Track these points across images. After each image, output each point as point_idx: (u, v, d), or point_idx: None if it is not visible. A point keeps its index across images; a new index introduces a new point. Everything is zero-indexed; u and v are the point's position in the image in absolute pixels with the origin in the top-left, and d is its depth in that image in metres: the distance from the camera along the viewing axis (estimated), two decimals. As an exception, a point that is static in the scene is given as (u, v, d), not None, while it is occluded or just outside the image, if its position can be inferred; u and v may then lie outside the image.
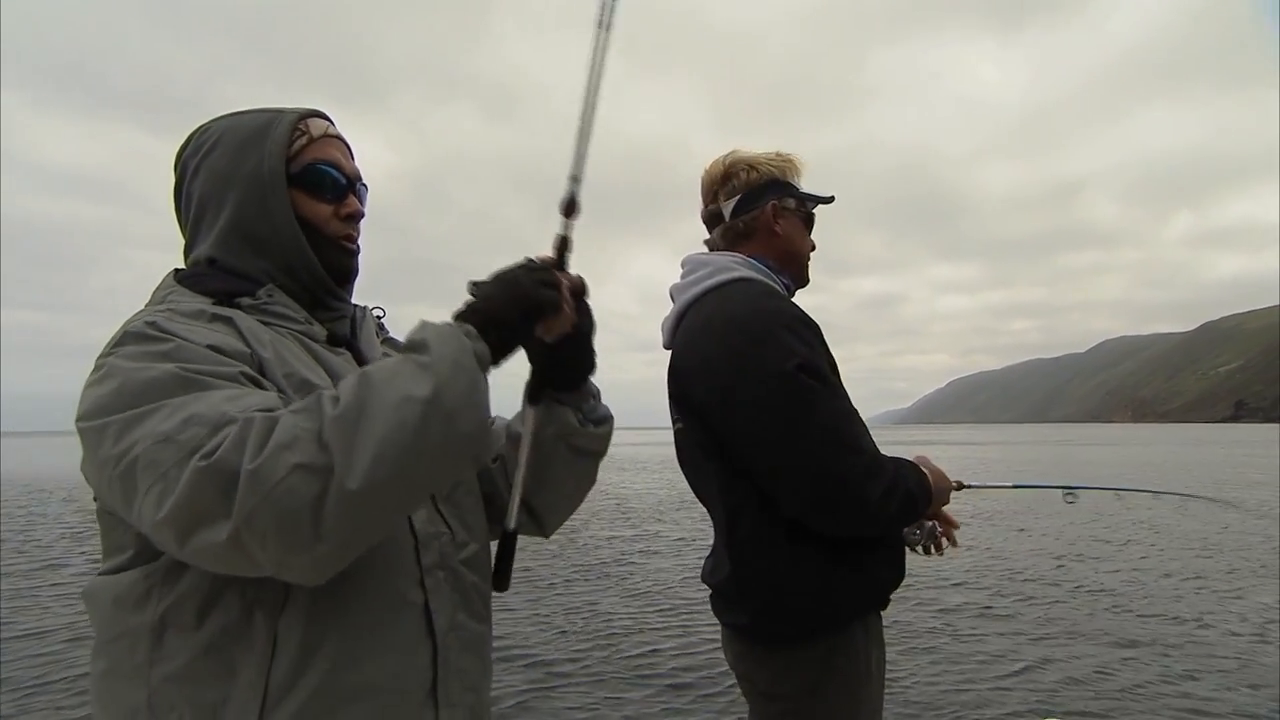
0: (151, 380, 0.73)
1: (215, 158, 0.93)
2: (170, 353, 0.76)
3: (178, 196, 0.97)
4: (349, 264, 0.98)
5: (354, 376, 0.73)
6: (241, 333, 0.84)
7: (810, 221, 1.59)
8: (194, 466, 0.66)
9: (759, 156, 1.55)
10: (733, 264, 1.47)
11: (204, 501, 0.66)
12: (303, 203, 0.94)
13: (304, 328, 0.93)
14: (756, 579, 1.36)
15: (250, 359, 0.82)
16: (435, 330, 0.77)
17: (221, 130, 0.94)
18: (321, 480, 0.67)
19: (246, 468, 0.66)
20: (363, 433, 0.68)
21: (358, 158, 1.04)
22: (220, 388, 0.74)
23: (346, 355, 0.95)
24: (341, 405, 0.69)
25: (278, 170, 0.92)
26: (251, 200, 0.92)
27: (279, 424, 0.68)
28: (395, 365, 0.73)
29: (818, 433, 1.26)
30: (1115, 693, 3.99)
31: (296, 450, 0.67)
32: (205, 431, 0.68)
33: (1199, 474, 19.47)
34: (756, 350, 1.29)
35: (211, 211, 0.93)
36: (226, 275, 0.92)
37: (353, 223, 0.98)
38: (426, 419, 0.70)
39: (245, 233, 0.92)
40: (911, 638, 4.99)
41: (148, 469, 0.69)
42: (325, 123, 0.98)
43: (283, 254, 0.93)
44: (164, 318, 0.81)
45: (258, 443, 0.67)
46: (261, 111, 0.96)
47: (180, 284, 0.91)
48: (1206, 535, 9.07)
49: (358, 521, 0.69)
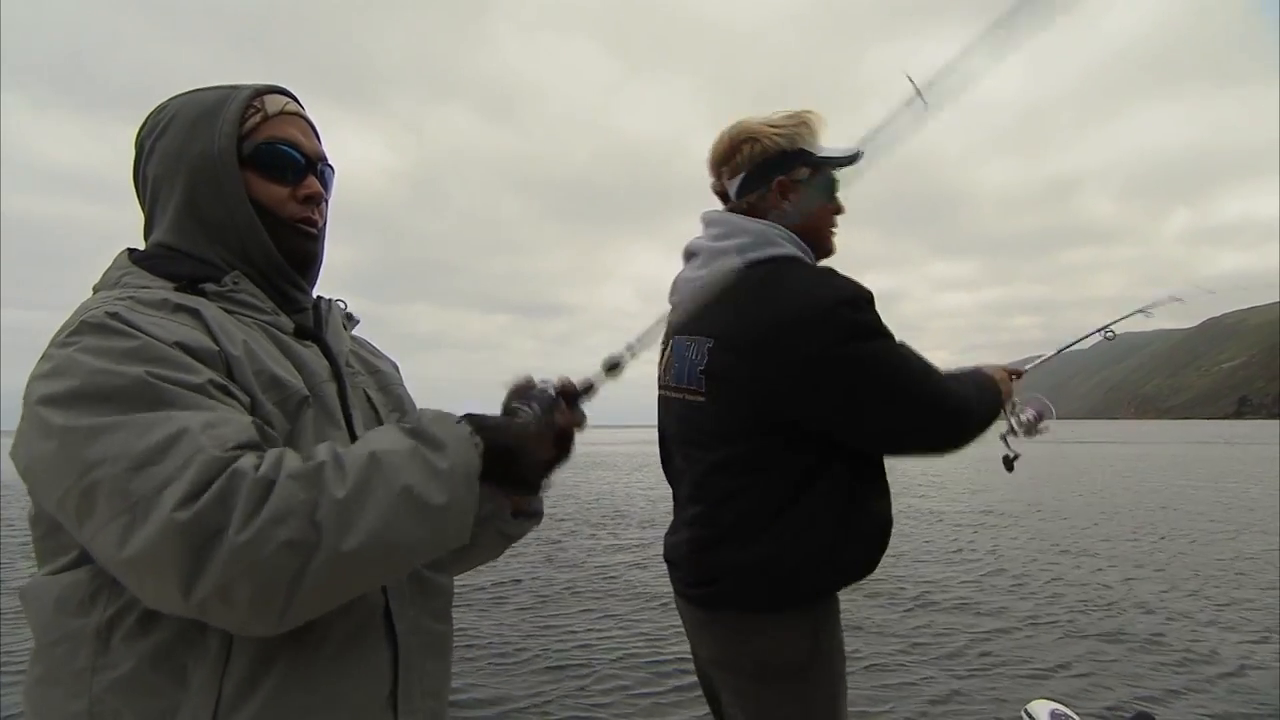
0: (116, 387, 0.68)
1: (168, 138, 0.88)
2: (135, 351, 0.71)
3: (136, 177, 0.93)
4: (308, 248, 0.93)
5: (365, 454, 0.70)
6: (208, 326, 0.79)
7: (832, 186, 1.46)
8: (171, 518, 0.62)
9: (764, 125, 1.42)
10: (778, 238, 1.39)
11: (176, 556, 0.63)
12: (257, 184, 0.89)
13: (271, 319, 0.88)
14: (758, 547, 1.33)
15: (218, 358, 0.77)
16: (455, 436, 0.75)
17: (176, 109, 0.89)
18: (305, 556, 0.65)
19: (235, 539, 0.63)
20: (360, 519, 0.67)
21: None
22: (191, 405, 0.69)
23: (315, 349, 0.91)
24: (346, 487, 0.67)
25: (229, 150, 0.87)
26: (203, 182, 0.87)
27: (274, 491, 0.65)
28: (408, 455, 0.72)
29: (928, 386, 1.34)
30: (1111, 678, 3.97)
31: (289, 525, 0.65)
32: (177, 466, 0.64)
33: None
34: (854, 341, 1.29)
35: (165, 194, 0.89)
36: (186, 259, 0.87)
37: (312, 205, 0.93)
38: (423, 523, 0.70)
39: (199, 216, 0.88)
40: (882, 612, 4.98)
41: (113, 497, 0.64)
42: (284, 99, 0.93)
43: (238, 239, 0.88)
44: (125, 307, 0.75)
45: (248, 509, 0.64)
46: (216, 89, 0.91)
47: (136, 265, 0.86)
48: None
49: (331, 594, 0.69)
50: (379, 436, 0.75)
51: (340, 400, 0.89)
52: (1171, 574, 6.78)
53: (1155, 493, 14.09)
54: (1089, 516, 10.66)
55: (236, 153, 0.88)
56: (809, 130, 1.43)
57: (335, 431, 0.85)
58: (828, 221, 1.47)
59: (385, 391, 1.00)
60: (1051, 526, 9.68)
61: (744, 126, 1.44)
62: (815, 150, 1.43)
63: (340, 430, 0.86)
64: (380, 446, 0.72)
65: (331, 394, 0.87)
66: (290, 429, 0.80)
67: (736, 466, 1.36)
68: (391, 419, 0.95)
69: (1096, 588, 6.26)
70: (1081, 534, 9.12)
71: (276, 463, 0.68)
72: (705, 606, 1.42)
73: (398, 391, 1.02)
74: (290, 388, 0.81)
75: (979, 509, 11.30)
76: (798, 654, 1.33)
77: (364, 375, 0.98)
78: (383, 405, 0.97)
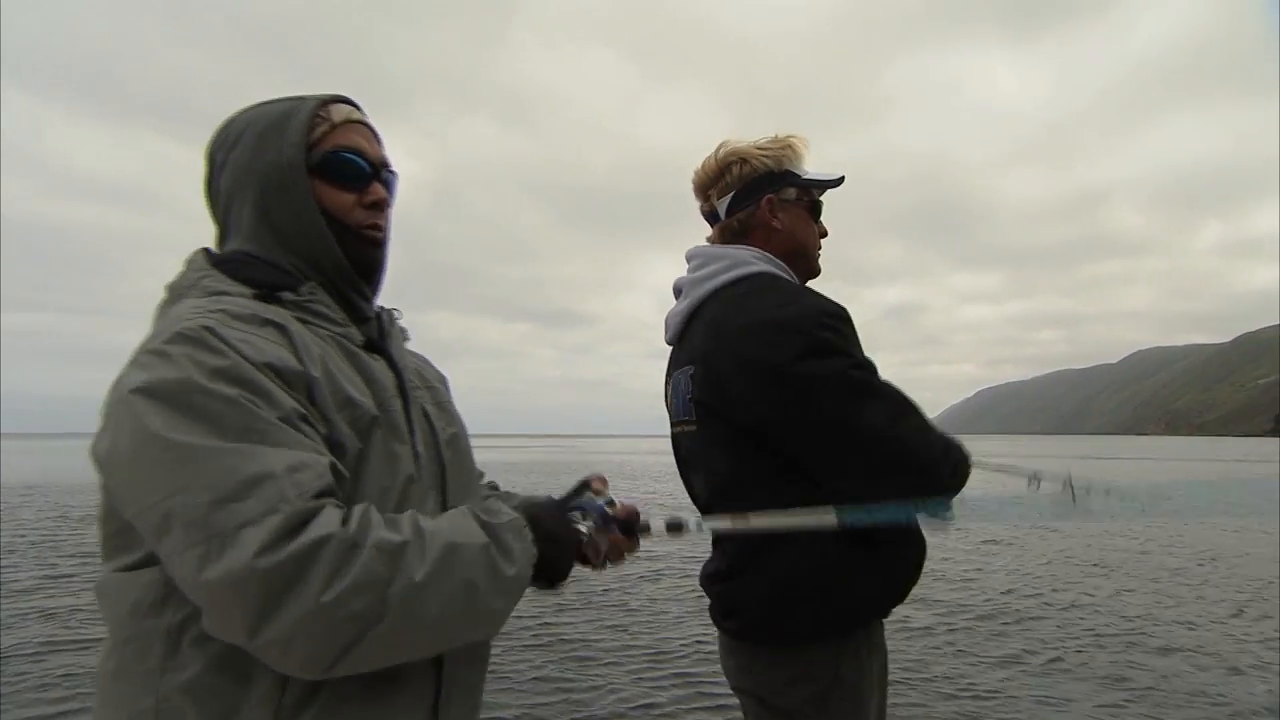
0: (208, 408, 0.70)
1: (239, 151, 0.91)
2: (227, 371, 0.73)
3: (208, 190, 0.96)
4: (374, 255, 0.96)
5: (444, 544, 0.76)
6: (293, 343, 0.81)
7: (816, 208, 1.49)
8: (252, 563, 0.65)
9: (752, 147, 1.45)
10: (751, 257, 1.41)
11: (250, 600, 0.66)
12: (324, 192, 0.91)
13: (343, 330, 0.91)
14: (768, 580, 1.32)
15: (302, 379, 0.79)
16: (523, 548, 0.83)
17: (245, 122, 0.93)
18: (366, 628, 0.70)
19: (318, 599, 0.67)
20: (424, 607, 0.73)
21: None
22: (276, 439, 0.72)
23: (382, 362, 0.93)
24: (423, 572, 0.73)
25: (297, 160, 0.90)
26: (274, 192, 0.90)
27: (359, 560, 0.69)
28: (479, 552, 0.78)
29: (898, 425, 1.24)
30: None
31: (364, 598, 0.69)
32: (260, 511, 0.67)
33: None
34: (813, 360, 1.24)
35: (238, 204, 0.92)
36: (264, 265, 0.90)
37: (378, 211, 0.95)
38: (475, 620, 0.78)
39: (271, 225, 0.91)
40: (919, 639, 4.90)
41: (194, 526, 0.67)
42: (348, 108, 0.96)
43: (308, 247, 0.91)
44: (218, 321, 0.77)
45: (332, 571, 0.68)
46: (283, 100, 0.94)
47: (217, 268, 0.89)
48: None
49: (373, 663, 0.73)
50: (459, 527, 0.80)
51: (405, 416, 0.91)
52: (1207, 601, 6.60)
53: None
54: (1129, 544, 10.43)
55: (305, 162, 0.90)
56: (794, 154, 1.47)
57: (400, 447, 0.87)
58: (814, 242, 1.50)
59: (440, 406, 1.02)
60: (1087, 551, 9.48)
61: (731, 148, 1.47)
62: (801, 172, 1.47)
63: (405, 445, 0.88)
64: (458, 539, 0.78)
65: (398, 410, 0.90)
66: (361, 447, 0.83)
67: (730, 493, 1.36)
68: (446, 435, 0.98)
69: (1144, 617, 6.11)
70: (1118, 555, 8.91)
71: (363, 525, 0.72)
72: (729, 635, 1.43)
73: (450, 407, 1.05)
74: (362, 407, 0.84)
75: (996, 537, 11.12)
76: (816, 687, 1.30)
77: (422, 390, 1.00)
78: (438, 419, 0.99)
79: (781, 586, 1.31)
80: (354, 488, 0.81)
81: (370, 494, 0.81)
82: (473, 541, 0.78)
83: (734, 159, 1.46)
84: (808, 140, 1.48)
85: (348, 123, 0.94)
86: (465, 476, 1.00)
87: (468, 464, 1.02)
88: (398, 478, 0.85)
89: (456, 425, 1.02)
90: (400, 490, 0.85)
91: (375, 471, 0.83)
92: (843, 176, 1.49)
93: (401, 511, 0.82)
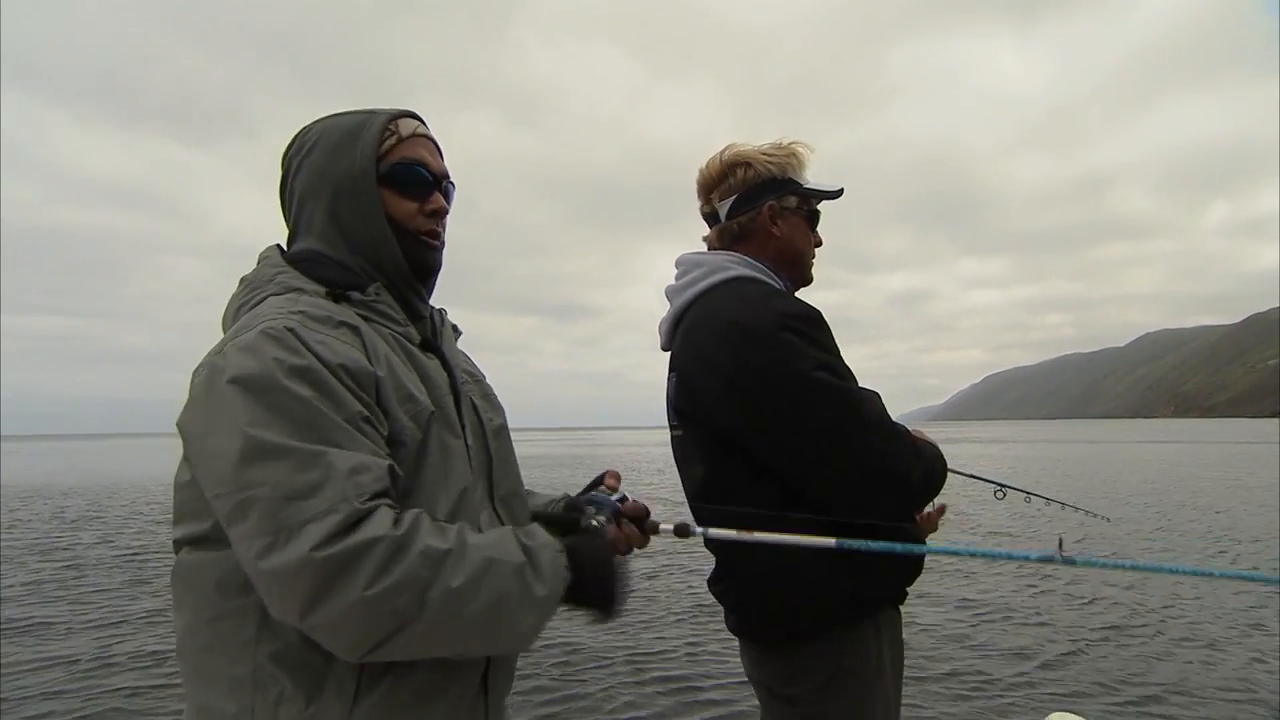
0: (286, 407, 0.79)
1: (314, 157, 0.99)
2: (305, 371, 0.81)
3: (283, 191, 1.03)
4: (431, 258, 1.04)
5: (483, 558, 0.82)
6: (365, 345, 0.89)
7: (815, 218, 1.50)
8: (310, 555, 0.73)
9: (757, 152, 1.46)
10: (729, 263, 1.42)
11: (305, 586, 0.74)
12: (391, 200, 0.99)
13: (403, 330, 0.99)
14: (760, 580, 1.34)
15: (371, 378, 0.87)
16: (556, 572, 0.89)
17: (320, 131, 1.00)
18: (403, 623, 0.77)
19: (364, 591, 0.74)
20: (458, 612, 0.79)
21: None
22: (342, 441, 0.80)
23: (436, 361, 1.01)
24: (460, 580, 0.79)
25: (368, 170, 0.97)
26: (345, 198, 0.98)
27: (404, 560, 0.76)
28: (515, 570, 0.84)
29: (856, 432, 1.24)
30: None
31: (405, 595, 0.76)
32: (322, 509, 0.75)
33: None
34: (772, 357, 1.25)
35: (310, 207, 1.00)
36: (335, 265, 0.97)
37: (437, 219, 1.03)
38: (500, 632, 0.84)
39: (341, 228, 0.98)
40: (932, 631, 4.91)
41: (264, 518, 0.75)
42: (415, 122, 1.03)
43: (373, 250, 0.99)
44: (299, 323, 0.85)
45: (379, 567, 0.75)
46: (356, 113, 1.01)
47: (291, 265, 0.97)
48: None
49: (403, 654, 0.80)
50: (500, 544, 0.86)
51: (456, 410, 0.99)
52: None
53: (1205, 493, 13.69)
54: (1145, 517, 10.41)
55: (375, 172, 0.98)
56: (798, 162, 1.47)
57: (453, 440, 0.95)
58: (809, 251, 1.51)
59: (487, 398, 1.11)
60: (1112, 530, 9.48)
61: (737, 151, 1.47)
62: (803, 181, 1.48)
63: (458, 439, 0.96)
64: (497, 554, 0.84)
65: (450, 406, 0.98)
66: (421, 438, 0.91)
67: (710, 496, 1.38)
68: (493, 426, 1.07)
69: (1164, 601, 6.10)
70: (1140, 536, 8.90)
71: (413, 528, 0.79)
72: (732, 631, 1.46)
73: (495, 398, 1.13)
74: (420, 403, 0.92)
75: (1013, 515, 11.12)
76: (819, 678, 1.32)
77: (471, 384, 1.08)
78: (485, 411, 1.07)
79: (771, 584, 1.33)
80: (414, 476, 0.89)
81: (428, 482, 0.90)
82: (510, 559, 0.85)
83: (739, 162, 1.46)
84: (813, 147, 1.48)
85: (415, 136, 1.02)
86: (509, 465, 1.08)
87: (511, 452, 1.10)
88: (452, 471, 0.93)
89: (501, 416, 1.11)
90: (457, 488, 0.93)
91: (433, 461, 0.91)
92: (842, 189, 1.50)
93: (460, 502, 0.92)
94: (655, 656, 4.70)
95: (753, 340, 1.27)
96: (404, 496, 0.86)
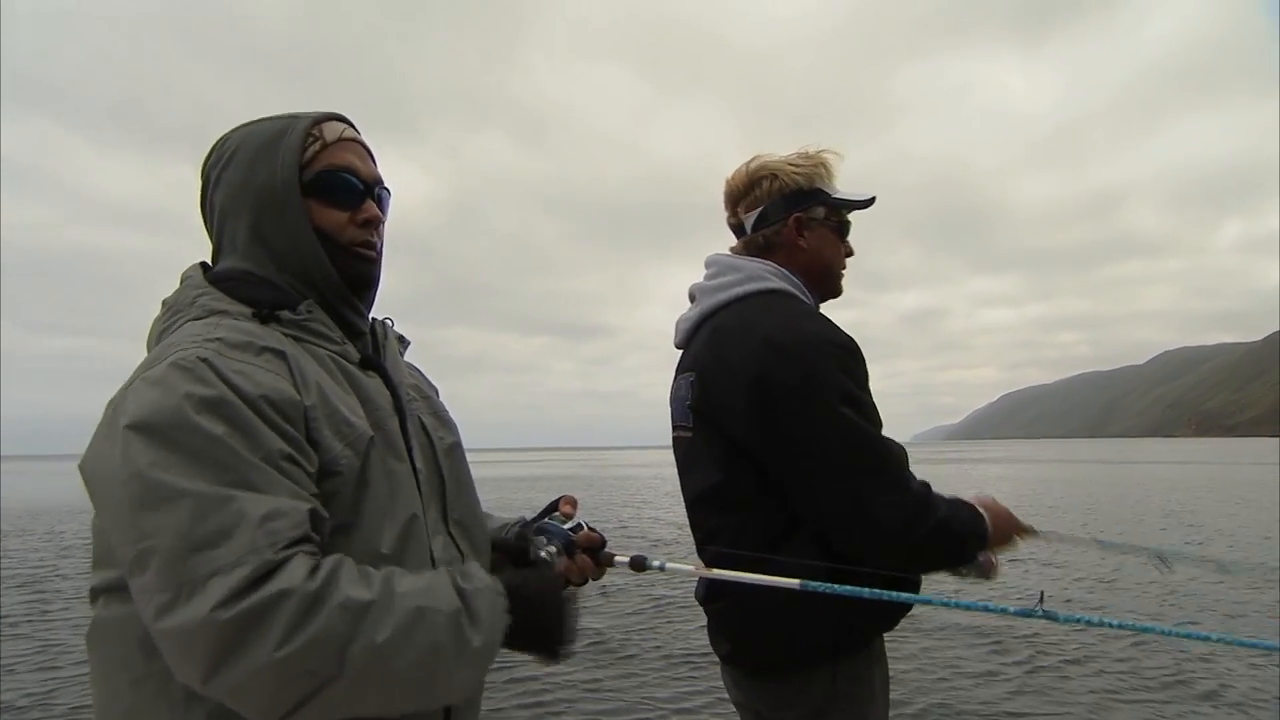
0: (194, 446, 0.71)
1: (233, 169, 0.92)
2: (218, 405, 0.74)
3: (203, 206, 0.96)
4: (366, 271, 0.96)
5: (412, 608, 0.74)
6: (291, 371, 0.82)
7: (845, 228, 1.47)
8: (211, 616, 0.66)
9: (784, 163, 1.43)
10: (766, 273, 1.39)
11: (205, 650, 0.67)
12: (318, 211, 0.92)
13: (340, 349, 0.91)
14: (765, 612, 1.29)
15: (298, 409, 0.80)
16: (495, 617, 0.80)
17: (239, 140, 0.93)
18: (321, 684, 0.69)
19: (272, 654, 0.66)
20: (382, 670, 0.71)
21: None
22: (255, 483, 0.72)
23: (377, 380, 0.93)
24: (385, 634, 0.71)
25: (291, 181, 0.90)
26: (268, 212, 0.90)
27: (320, 614, 0.68)
28: (449, 619, 0.76)
29: (862, 474, 1.21)
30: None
31: (321, 654, 0.68)
32: (229, 561, 0.68)
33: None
34: (802, 383, 1.23)
35: (232, 222, 0.92)
36: (261, 283, 0.90)
37: (371, 228, 0.95)
38: (433, 687, 0.76)
39: (266, 244, 0.91)
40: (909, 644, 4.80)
41: (165, 570, 0.68)
42: (342, 125, 0.96)
43: (302, 265, 0.91)
44: (214, 351, 0.77)
45: (291, 625, 0.67)
46: (277, 119, 0.93)
47: (214, 285, 0.89)
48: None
49: (334, 716, 0.72)
50: (430, 588, 0.78)
51: (402, 432, 0.92)
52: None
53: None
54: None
55: (298, 181, 0.90)
56: (826, 171, 1.44)
57: (398, 464, 0.88)
58: (839, 263, 1.47)
59: (437, 416, 1.03)
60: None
61: (763, 162, 1.44)
62: (831, 191, 1.44)
63: (403, 463, 0.89)
64: (427, 602, 0.76)
65: (394, 428, 0.90)
66: (359, 465, 0.83)
67: (714, 502, 1.36)
68: (444, 445, 1.00)
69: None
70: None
71: (331, 578, 0.71)
72: (720, 659, 1.43)
73: (447, 416, 1.06)
74: (357, 428, 0.84)
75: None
76: (811, 705, 1.29)
77: (419, 401, 1.01)
78: (435, 430, 1.00)
79: (758, 617, 1.29)
80: (356, 506, 0.82)
81: (371, 511, 0.83)
82: (443, 607, 0.77)
83: (764, 174, 1.43)
84: (843, 155, 1.45)
85: (341, 141, 0.94)
86: (463, 485, 1.00)
87: (466, 472, 1.02)
88: (398, 497, 0.86)
89: (454, 434, 1.03)
90: (404, 515, 0.86)
91: (375, 489, 0.84)
92: (873, 197, 1.46)
93: (407, 530, 0.84)
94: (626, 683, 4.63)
95: (786, 360, 1.25)
96: (346, 529, 0.80)
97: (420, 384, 1.07)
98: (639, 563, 1.07)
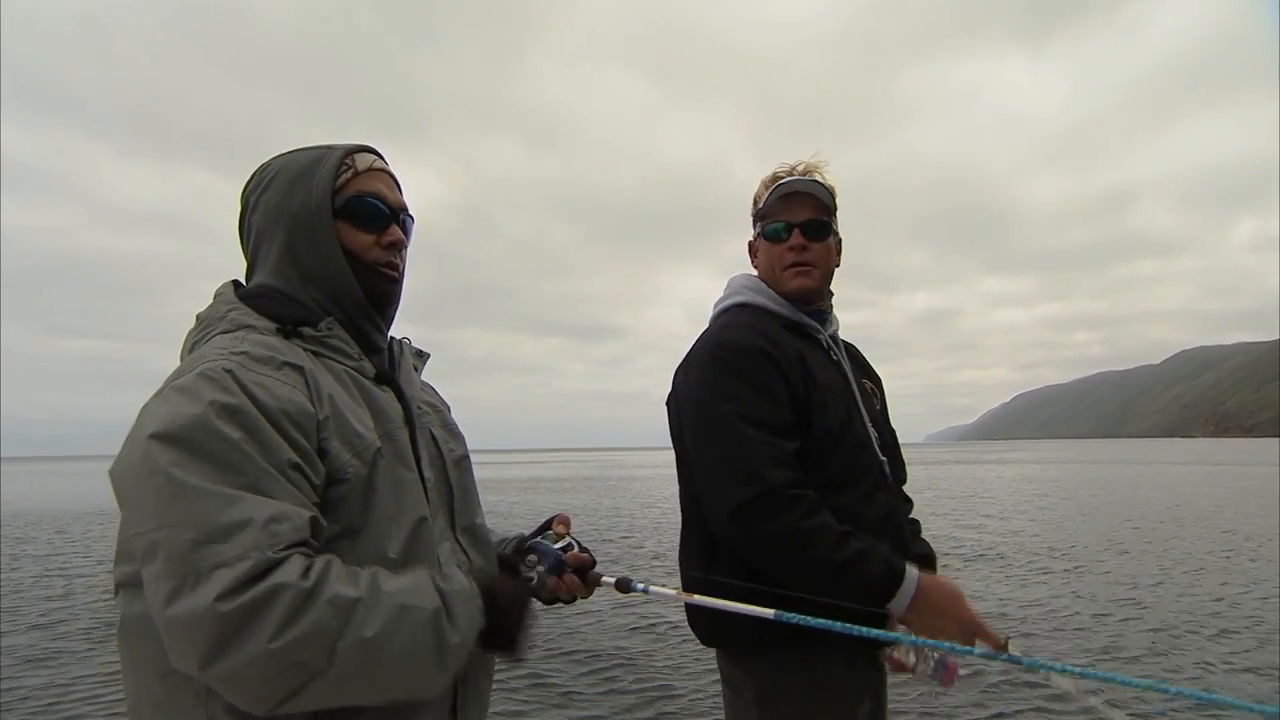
0: (212, 448, 0.77)
1: (271, 193, 0.99)
2: (238, 413, 0.80)
3: (241, 227, 1.04)
4: (388, 289, 1.03)
5: (396, 605, 0.80)
6: (309, 385, 0.88)
7: (773, 233, 1.50)
8: (212, 606, 0.71)
9: (760, 185, 1.56)
10: (740, 286, 1.54)
11: (204, 638, 0.72)
12: (347, 233, 0.99)
13: (356, 364, 0.98)
14: (702, 588, 1.36)
15: (312, 420, 0.86)
16: (471, 618, 0.87)
17: (278, 167, 1.00)
18: (311, 676, 0.75)
19: (267, 645, 0.72)
20: (368, 662, 0.77)
21: (409, 190, 1.08)
22: (265, 489, 0.78)
23: (390, 393, 1.00)
24: (373, 630, 0.77)
25: (324, 205, 0.98)
26: (301, 232, 0.97)
27: (311, 610, 0.75)
28: (430, 617, 0.82)
29: (729, 474, 1.24)
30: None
31: (312, 647, 0.74)
32: (234, 555, 0.74)
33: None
34: (692, 386, 1.36)
35: (267, 242, 1.00)
36: (288, 300, 0.97)
37: (394, 251, 1.03)
38: (412, 678, 0.81)
39: (297, 262, 0.98)
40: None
41: (174, 559, 0.74)
42: (372, 156, 1.04)
43: (329, 282, 0.98)
44: (239, 364, 0.84)
45: (284, 619, 0.73)
46: (313, 149, 1.01)
47: (244, 301, 0.97)
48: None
49: (322, 705, 0.79)
50: (414, 589, 0.84)
51: (411, 444, 0.98)
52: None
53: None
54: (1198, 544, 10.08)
55: (330, 206, 0.98)
56: (763, 188, 1.54)
57: (407, 473, 0.94)
58: (779, 266, 1.51)
59: (448, 428, 1.10)
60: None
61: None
62: (761, 204, 1.55)
63: (411, 473, 0.95)
64: (411, 600, 0.82)
65: (404, 439, 0.96)
66: (366, 474, 0.90)
67: (687, 518, 1.46)
68: (454, 456, 1.07)
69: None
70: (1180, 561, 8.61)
71: (322, 576, 0.77)
72: (703, 640, 1.49)
73: (456, 429, 1.13)
74: (365, 439, 0.90)
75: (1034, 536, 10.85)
76: (767, 686, 1.33)
77: (430, 414, 1.08)
78: (445, 442, 1.07)
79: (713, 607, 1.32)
80: (363, 513, 0.88)
81: (378, 518, 0.88)
82: (425, 606, 0.83)
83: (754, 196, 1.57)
84: (794, 163, 1.51)
85: (371, 170, 1.03)
86: (470, 495, 1.07)
87: (472, 483, 1.09)
88: (406, 505, 0.92)
89: (462, 446, 1.10)
90: (411, 521, 0.92)
91: (382, 496, 0.90)
92: (784, 179, 1.50)
93: (414, 535, 0.90)
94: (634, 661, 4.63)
95: (687, 368, 1.40)
96: (354, 533, 0.87)
97: (433, 399, 1.14)
98: (624, 584, 1.12)
